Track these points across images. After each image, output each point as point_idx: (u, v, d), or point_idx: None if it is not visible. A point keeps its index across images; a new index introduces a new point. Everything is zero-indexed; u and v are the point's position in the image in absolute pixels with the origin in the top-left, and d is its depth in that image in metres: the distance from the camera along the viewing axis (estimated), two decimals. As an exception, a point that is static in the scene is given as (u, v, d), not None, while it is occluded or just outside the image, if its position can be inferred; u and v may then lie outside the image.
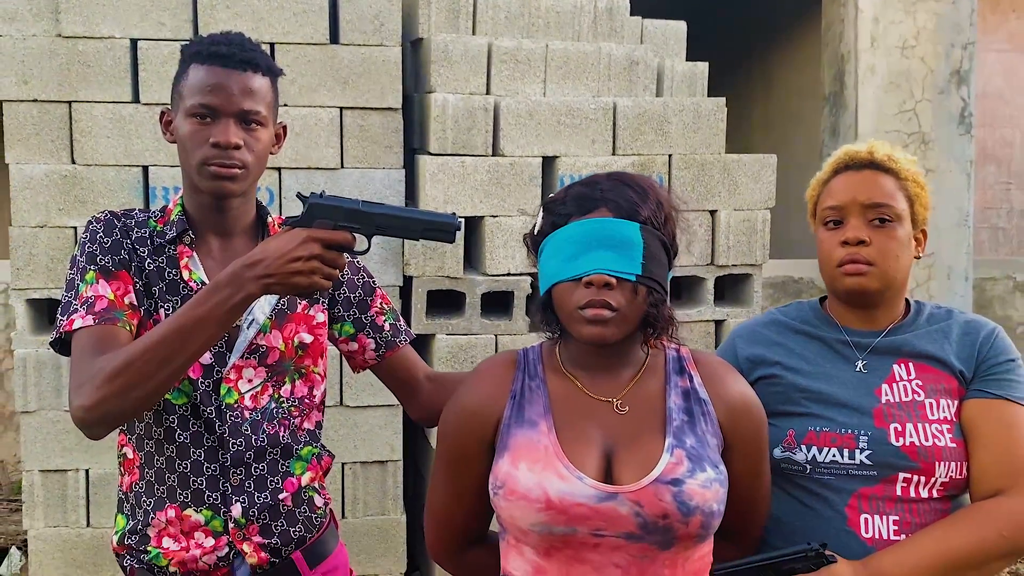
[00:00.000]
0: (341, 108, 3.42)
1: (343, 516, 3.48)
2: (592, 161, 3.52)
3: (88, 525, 3.36)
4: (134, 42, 3.30)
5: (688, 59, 4.03)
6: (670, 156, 3.61)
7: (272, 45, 3.34)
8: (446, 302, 3.55)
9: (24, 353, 3.28)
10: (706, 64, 3.99)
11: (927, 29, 5.43)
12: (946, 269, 5.47)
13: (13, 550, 4.37)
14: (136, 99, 3.31)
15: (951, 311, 1.75)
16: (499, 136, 3.46)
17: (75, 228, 3.26)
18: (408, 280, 3.47)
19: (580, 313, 1.44)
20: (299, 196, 1.59)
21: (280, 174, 3.38)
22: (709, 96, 3.84)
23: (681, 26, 4.18)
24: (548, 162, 3.52)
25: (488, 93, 3.55)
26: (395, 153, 3.48)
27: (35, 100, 3.25)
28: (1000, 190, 6.12)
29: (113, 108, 3.28)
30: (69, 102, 3.27)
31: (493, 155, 3.48)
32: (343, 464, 3.48)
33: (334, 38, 3.41)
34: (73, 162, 3.28)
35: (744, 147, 7.23)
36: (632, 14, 4.08)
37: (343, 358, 1.97)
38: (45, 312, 3.41)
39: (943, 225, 5.46)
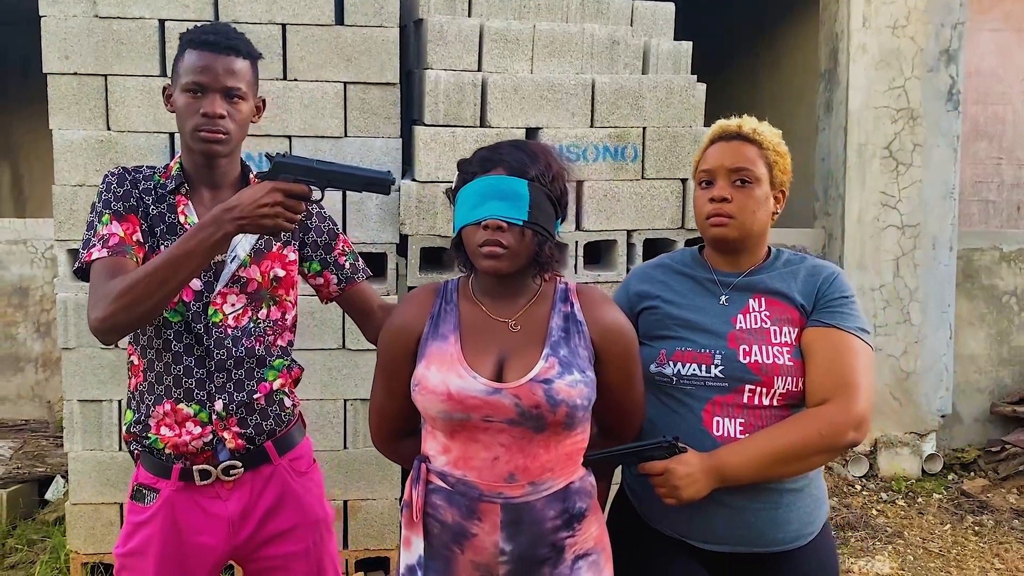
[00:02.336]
0: (345, 83, 3.76)
1: (344, 447, 3.87)
2: (572, 132, 3.85)
3: (120, 449, 3.75)
4: (162, 22, 3.66)
5: (699, 39, 4.25)
6: (644, 129, 3.93)
7: (284, 26, 3.69)
8: (438, 259, 3.92)
9: (65, 296, 3.70)
10: (690, 44, 4.25)
11: (917, 9, 5.63)
12: (931, 239, 5.66)
13: (58, 478, 4.84)
14: (164, 73, 3.67)
15: (804, 257, 2.10)
16: (486, 109, 3.80)
17: (110, 187, 3.67)
18: (404, 238, 3.83)
19: (480, 250, 1.83)
20: (267, 155, 1.99)
21: (291, 142, 3.75)
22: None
23: (669, 7, 4.41)
24: (531, 133, 3.84)
25: (480, 70, 3.87)
26: (393, 124, 3.82)
27: (75, 73, 3.64)
28: (991, 165, 6.32)
29: (143, 81, 3.66)
30: (105, 75, 3.65)
31: (481, 126, 3.81)
32: (345, 400, 3.86)
33: (339, 20, 3.75)
34: (108, 128, 3.67)
35: (755, 122, 7.45)
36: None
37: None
38: (84, 261, 3.83)
39: (930, 197, 5.67)
